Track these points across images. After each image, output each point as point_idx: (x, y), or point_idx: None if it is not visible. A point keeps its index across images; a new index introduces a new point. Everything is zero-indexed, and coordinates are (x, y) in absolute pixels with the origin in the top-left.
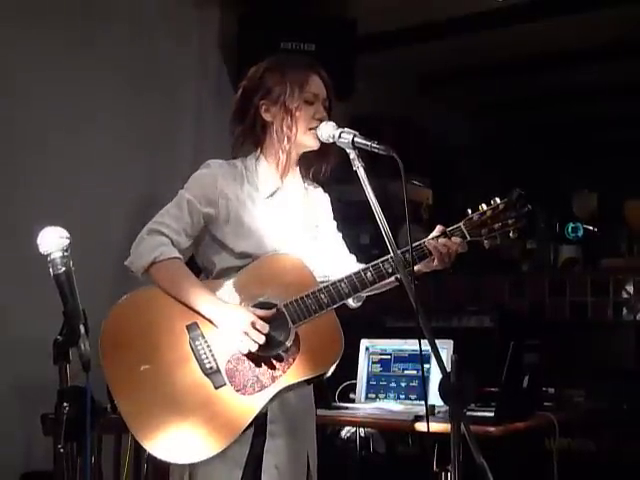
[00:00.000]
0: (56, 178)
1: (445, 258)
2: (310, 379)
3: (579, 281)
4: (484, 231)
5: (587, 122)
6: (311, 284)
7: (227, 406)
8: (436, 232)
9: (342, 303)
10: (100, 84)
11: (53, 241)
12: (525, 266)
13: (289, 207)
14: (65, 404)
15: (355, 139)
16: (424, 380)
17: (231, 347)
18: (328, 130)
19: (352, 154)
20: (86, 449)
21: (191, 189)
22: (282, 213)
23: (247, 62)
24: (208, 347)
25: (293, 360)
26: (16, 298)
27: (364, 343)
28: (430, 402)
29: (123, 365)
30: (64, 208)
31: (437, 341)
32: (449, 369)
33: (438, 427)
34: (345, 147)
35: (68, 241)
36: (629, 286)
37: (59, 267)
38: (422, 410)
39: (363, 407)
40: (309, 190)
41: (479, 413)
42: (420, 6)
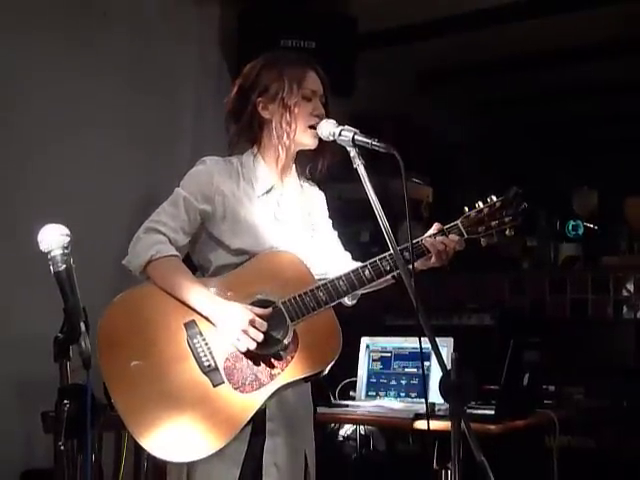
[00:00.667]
0: (56, 178)
1: (442, 255)
2: (308, 377)
3: (579, 279)
4: (481, 229)
5: (587, 119)
6: (309, 282)
7: (225, 404)
8: (433, 230)
9: (340, 301)
10: (100, 84)
11: (54, 238)
12: (525, 264)
13: (285, 204)
14: (66, 402)
15: (355, 137)
16: (424, 378)
17: (229, 345)
18: (328, 128)
19: (352, 152)
20: (87, 447)
21: (187, 186)
22: (278, 210)
23: (247, 59)
24: (206, 345)
25: (291, 358)
26: (16, 296)
27: (364, 341)
28: (430, 400)
29: (120, 362)
30: (64, 207)
31: (437, 339)
32: (449, 367)
33: (438, 425)
34: (345, 145)
35: (68, 238)
36: (629, 284)
37: (60, 264)
38: (422, 408)
39: (363, 405)
40: (305, 188)
41: (479, 411)
42: (420, 4)
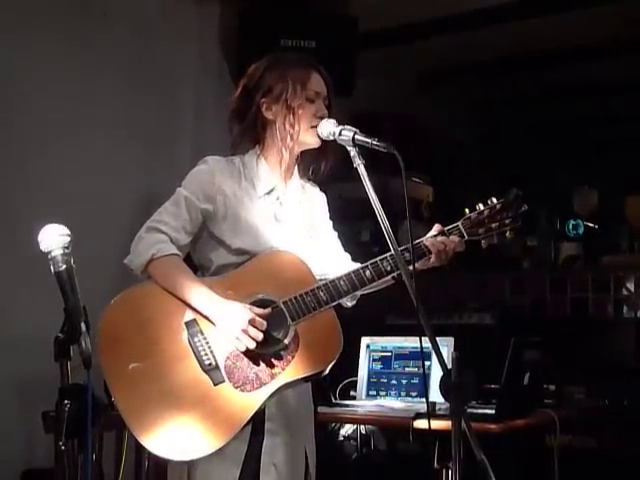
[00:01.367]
0: (56, 178)
1: (442, 255)
2: (309, 376)
3: (580, 278)
4: (481, 230)
5: (587, 119)
6: (310, 282)
7: (226, 402)
8: (434, 231)
9: (340, 301)
10: (100, 84)
11: (54, 238)
12: (526, 263)
13: (286, 205)
14: (66, 401)
15: (356, 137)
16: (425, 377)
17: (230, 344)
18: (329, 128)
19: (352, 151)
20: (87, 446)
21: (189, 185)
22: (279, 211)
23: (247, 59)
24: (207, 344)
25: (292, 357)
26: (16, 296)
27: (365, 341)
28: (431, 399)
29: (120, 361)
30: (64, 207)
31: (438, 338)
32: (450, 366)
33: (439, 424)
34: (346, 145)
35: (69, 238)
36: (630, 283)
37: (60, 264)
38: (423, 407)
39: (364, 404)
40: (306, 188)
41: (480, 410)
42: (420, 4)
